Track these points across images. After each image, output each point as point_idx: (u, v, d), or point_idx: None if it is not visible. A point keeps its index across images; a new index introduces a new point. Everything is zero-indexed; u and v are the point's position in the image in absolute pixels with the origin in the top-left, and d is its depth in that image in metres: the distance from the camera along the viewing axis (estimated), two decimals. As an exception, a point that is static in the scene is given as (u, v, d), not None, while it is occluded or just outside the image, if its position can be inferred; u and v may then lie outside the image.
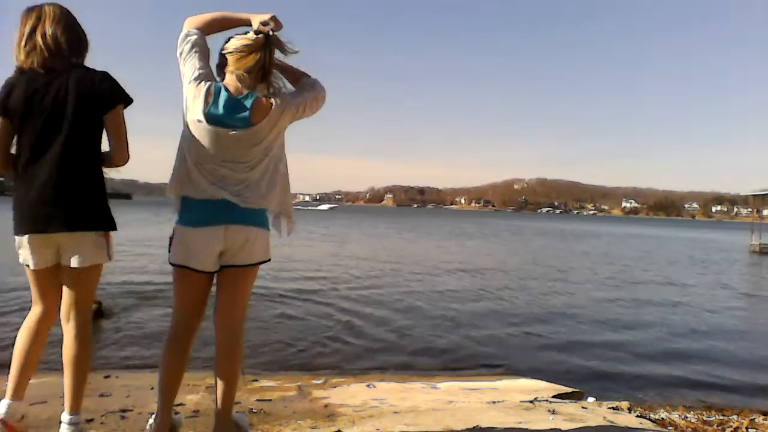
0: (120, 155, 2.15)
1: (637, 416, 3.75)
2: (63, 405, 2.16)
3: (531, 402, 3.82)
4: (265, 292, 8.54)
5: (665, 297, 10.71)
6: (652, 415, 3.87)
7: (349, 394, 3.88)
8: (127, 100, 2.13)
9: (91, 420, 2.88)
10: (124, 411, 2.98)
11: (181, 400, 3.32)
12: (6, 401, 2.11)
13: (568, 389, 4.50)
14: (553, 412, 3.46)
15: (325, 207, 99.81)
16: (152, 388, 2.62)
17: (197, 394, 3.51)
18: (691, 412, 4.10)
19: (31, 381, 2.21)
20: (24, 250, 2.11)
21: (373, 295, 9.10)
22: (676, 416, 3.93)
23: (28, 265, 2.14)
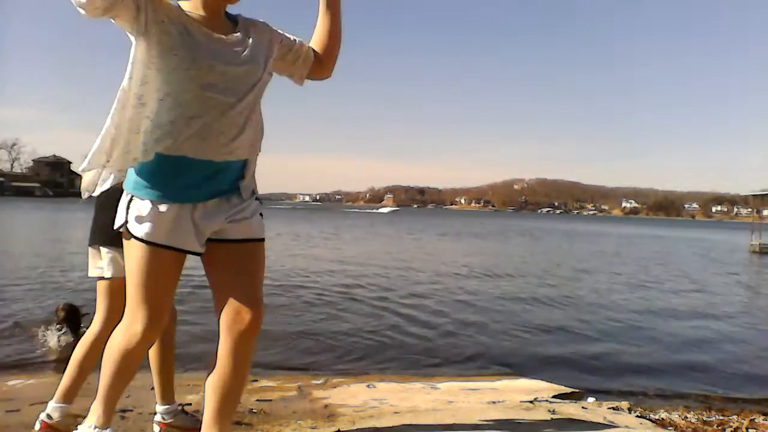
0: None
1: (637, 416, 3.75)
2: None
3: (531, 402, 3.81)
4: (266, 293, 8.53)
5: (667, 297, 10.71)
6: (652, 415, 3.87)
7: (349, 394, 3.88)
8: None
9: (91, 420, 2.88)
10: (124, 411, 2.98)
11: (180, 401, 3.31)
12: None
13: (568, 389, 4.49)
14: (553, 412, 3.46)
15: (386, 210, 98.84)
16: (152, 388, 2.63)
17: (197, 394, 3.51)
18: (691, 412, 4.10)
19: (30, 382, 2.21)
20: None
21: (376, 295, 9.10)
22: (676, 416, 3.93)
23: None
